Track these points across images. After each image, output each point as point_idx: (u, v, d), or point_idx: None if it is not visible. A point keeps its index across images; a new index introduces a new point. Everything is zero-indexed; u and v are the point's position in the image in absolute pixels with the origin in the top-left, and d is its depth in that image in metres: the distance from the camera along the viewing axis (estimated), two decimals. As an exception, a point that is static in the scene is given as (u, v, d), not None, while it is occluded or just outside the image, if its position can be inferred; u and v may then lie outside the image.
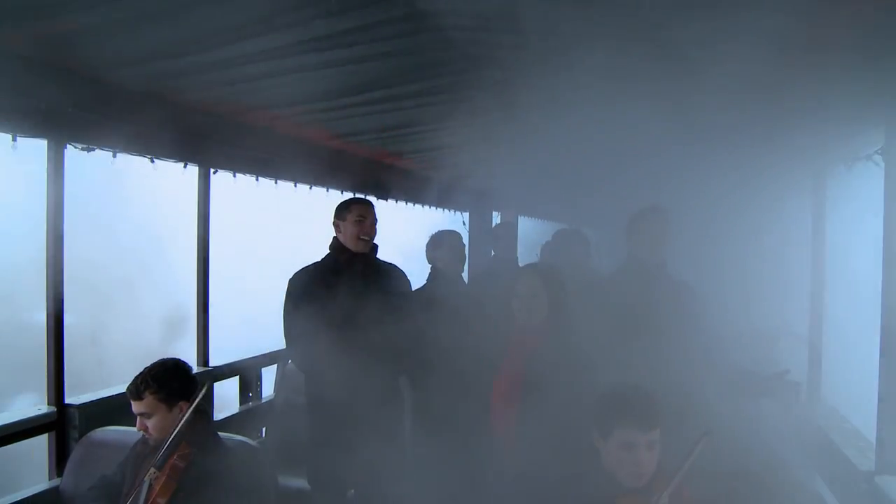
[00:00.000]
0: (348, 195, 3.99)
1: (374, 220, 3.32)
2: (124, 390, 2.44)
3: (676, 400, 2.69)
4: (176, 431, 2.32)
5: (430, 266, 4.02)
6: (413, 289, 3.57)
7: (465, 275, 4.36)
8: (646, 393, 2.13)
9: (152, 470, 2.29)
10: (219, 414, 3.76)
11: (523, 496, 2.32)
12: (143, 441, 2.44)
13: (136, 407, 2.37)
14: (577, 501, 2.12)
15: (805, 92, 3.01)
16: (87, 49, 2.46)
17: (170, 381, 2.40)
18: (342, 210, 3.29)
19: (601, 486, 2.09)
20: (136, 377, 2.38)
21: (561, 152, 4.62)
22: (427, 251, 4.04)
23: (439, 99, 3.45)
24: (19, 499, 2.60)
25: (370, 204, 3.37)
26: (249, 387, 4.13)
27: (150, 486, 2.27)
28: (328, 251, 3.32)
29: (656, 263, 3.07)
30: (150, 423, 2.36)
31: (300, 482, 3.47)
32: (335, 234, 3.31)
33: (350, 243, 3.25)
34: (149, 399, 2.35)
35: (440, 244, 3.98)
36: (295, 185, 4.32)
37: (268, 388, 4.30)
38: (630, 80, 3.07)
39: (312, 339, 3.15)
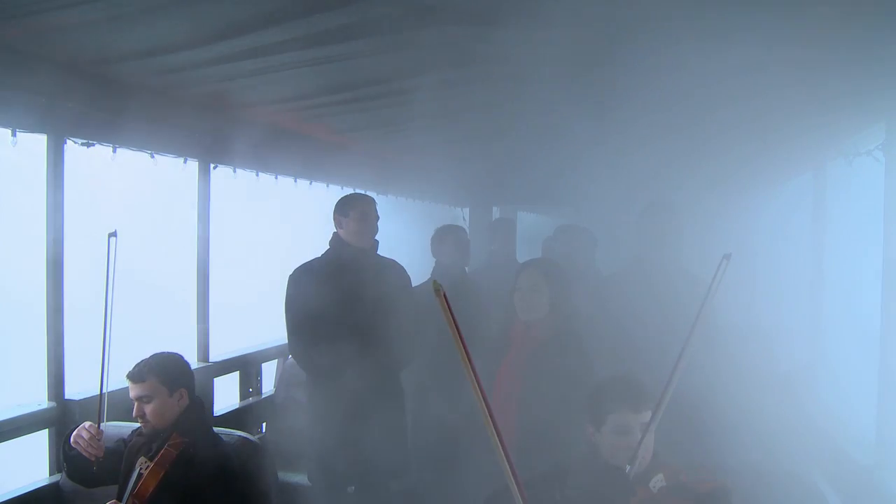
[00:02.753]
0: (349, 190, 3.99)
1: (377, 216, 3.31)
2: (123, 385, 2.46)
3: (690, 396, 2.71)
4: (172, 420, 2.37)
5: (434, 261, 4.03)
6: (416, 284, 3.57)
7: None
8: (634, 377, 2.18)
9: (142, 459, 2.33)
10: (218, 409, 3.77)
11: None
12: (138, 433, 2.46)
13: (135, 390, 2.39)
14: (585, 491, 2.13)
15: (806, 87, 3.00)
16: (86, 43, 2.46)
17: (173, 367, 2.45)
18: (345, 206, 3.27)
19: (607, 475, 2.10)
20: (139, 362, 2.42)
21: (560, 145, 4.61)
22: (432, 246, 4.04)
23: (440, 94, 3.44)
24: (19, 494, 2.60)
25: (373, 200, 3.35)
26: (250, 382, 4.13)
27: (140, 475, 2.30)
28: (328, 247, 3.31)
29: (667, 259, 3.06)
30: (148, 408, 2.38)
31: (301, 477, 3.48)
32: (335, 230, 3.30)
33: (354, 239, 3.24)
34: (151, 381, 2.38)
35: (444, 239, 3.99)
36: (295, 181, 4.32)
37: (268, 383, 4.31)
38: (629, 74, 3.06)
39: (317, 335, 3.14)
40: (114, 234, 2.35)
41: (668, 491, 1.99)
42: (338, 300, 3.13)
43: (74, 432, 2.37)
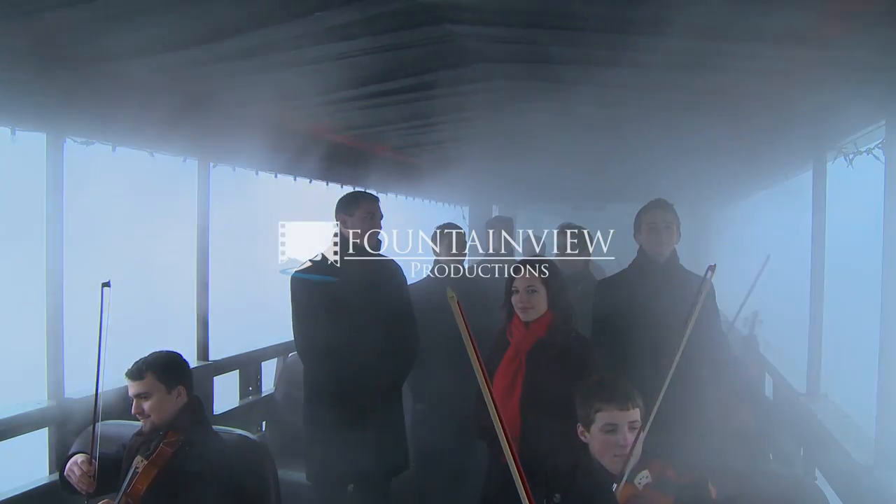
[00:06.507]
0: (348, 189, 3.98)
1: (382, 215, 3.31)
2: (123, 384, 2.46)
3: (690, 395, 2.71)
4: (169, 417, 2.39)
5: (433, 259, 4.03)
6: (414, 282, 3.57)
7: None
8: (621, 377, 2.23)
9: (139, 458, 2.34)
10: (218, 408, 3.77)
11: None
12: (139, 433, 2.47)
13: (134, 388, 2.40)
14: (575, 493, 2.14)
15: (806, 86, 3.00)
16: (86, 43, 2.46)
17: (171, 364, 2.47)
18: (349, 205, 3.25)
19: (596, 475, 2.12)
20: (138, 360, 2.44)
21: (558, 145, 4.62)
22: (431, 244, 4.04)
23: (439, 93, 3.44)
24: (18, 493, 2.61)
25: (378, 198, 3.34)
26: (249, 381, 4.14)
27: (136, 473, 2.32)
28: (332, 245, 3.30)
29: (667, 257, 3.06)
30: (147, 405, 2.40)
31: (300, 476, 3.48)
32: (339, 229, 3.29)
33: (358, 238, 3.23)
34: (149, 378, 2.40)
35: (441, 238, 3.99)
36: (295, 180, 4.31)
37: (268, 382, 4.32)
38: (627, 73, 3.06)
39: (323, 334, 3.15)
40: (107, 285, 2.32)
41: (651, 487, 2.03)
42: (343, 299, 3.14)
43: (68, 465, 2.38)
